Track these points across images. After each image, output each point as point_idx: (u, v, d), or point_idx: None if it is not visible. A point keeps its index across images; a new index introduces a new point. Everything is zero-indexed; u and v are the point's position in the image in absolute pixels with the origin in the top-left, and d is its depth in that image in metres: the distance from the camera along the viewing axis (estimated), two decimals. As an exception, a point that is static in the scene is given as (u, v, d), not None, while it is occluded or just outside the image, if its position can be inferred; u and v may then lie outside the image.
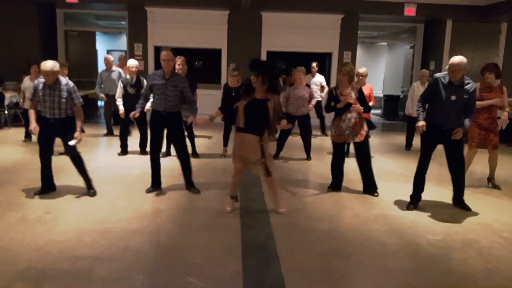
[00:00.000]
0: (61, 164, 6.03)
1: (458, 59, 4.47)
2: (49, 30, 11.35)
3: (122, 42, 15.32)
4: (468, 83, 4.57)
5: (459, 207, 4.91)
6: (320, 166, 6.81)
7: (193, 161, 5.62)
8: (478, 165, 6.52)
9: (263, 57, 11.50)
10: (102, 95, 8.76)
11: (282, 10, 11.06)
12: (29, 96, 4.93)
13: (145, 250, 3.63)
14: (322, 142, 9.00)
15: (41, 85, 4.75)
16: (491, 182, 5.92)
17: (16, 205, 4.59)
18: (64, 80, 4.82)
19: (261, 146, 4.33)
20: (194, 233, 4.02)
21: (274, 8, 10.98)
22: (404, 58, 13.96)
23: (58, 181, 5.06)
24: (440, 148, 4.82)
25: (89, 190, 5.03)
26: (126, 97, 6.94)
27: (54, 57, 11.27)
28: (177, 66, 6.66)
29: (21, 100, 8.27)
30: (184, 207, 4.72)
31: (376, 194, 5.32)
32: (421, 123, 4.69)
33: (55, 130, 4.86)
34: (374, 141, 9.54)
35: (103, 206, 4.66)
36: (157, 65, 10.41)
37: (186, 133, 5.72)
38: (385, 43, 15.99)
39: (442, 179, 5.79)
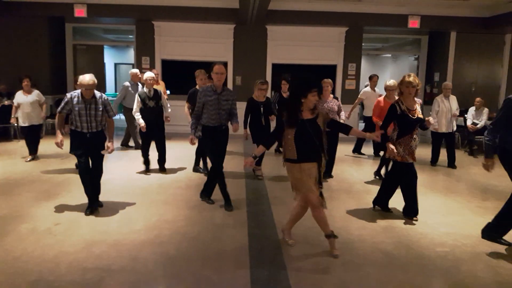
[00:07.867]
0: (69, 177, 6.09)
1: None
2: (58, 44, 11.53)
3: (130, 56, 15.51)
4: None
5: None
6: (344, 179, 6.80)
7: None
8: None
9: (268, 69, 11.61)
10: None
11: (287, 24, 11.18)
12: (59, 109, 4.79)
13: (155, 261, 3.65)
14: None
15: (75, 99, 4.69)
16: None
17: (27, 217, 4.64)
18: (98, 93, 4.82)
19: (319, 173, 3.78)
20: (202, 245, 4.04)
21: (278, 22, 11.09)
22: (408, 69, 14.01)
23: (68, 192, 5.09)
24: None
25: (98, 203, 5.00)
26: (146, 110, 6.61)
27: (63, 70, 11.48)
28: (199, 81, 6.67)
29: (13, 116, 7.64)
30: (192, 219, 4.74)
31: (415, 218, 4.85)
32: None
33: (90, 144, 4.77)
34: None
35: (113, 218, 4.70)
36: (164, 77, 10.54)
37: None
38: (390, 55, 16.07)
39: (449, 190, 5.76)
